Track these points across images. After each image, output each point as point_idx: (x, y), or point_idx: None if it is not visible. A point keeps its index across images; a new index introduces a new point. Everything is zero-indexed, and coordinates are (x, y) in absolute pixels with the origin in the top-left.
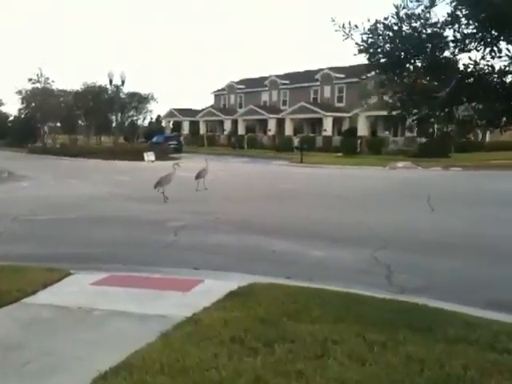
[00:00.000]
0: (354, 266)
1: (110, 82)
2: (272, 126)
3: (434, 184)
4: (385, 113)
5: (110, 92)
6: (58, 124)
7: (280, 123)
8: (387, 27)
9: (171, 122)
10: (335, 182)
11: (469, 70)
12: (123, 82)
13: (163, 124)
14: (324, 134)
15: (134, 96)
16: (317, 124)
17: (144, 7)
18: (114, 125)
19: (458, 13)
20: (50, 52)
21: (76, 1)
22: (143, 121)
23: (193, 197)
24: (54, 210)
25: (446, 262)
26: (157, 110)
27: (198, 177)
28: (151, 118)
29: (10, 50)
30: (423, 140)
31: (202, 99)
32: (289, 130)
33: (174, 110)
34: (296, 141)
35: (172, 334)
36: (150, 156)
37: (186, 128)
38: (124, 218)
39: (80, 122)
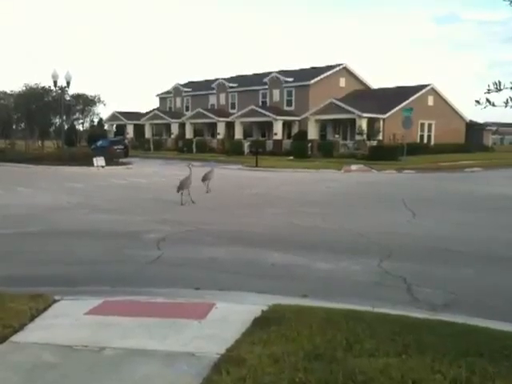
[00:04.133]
0: (367, 279)
1: (55, 83)
2: (221, 129)
3: (399, 187)
4: (334, 116)
5: (54, 94)
6: None
7: (229, 127)
8: None
9: (114, 126)
10: (302, 186)
11: None
12: (68, 84)
13: (106, 127)
14: (274, 137)
15: (79, 98)
16: (266, 127)
17: (90, 7)
18: (52, 129)
19: None
20: None
21: None
22: (90, 124)
23: (163, 205)
24: (11, 223)
25: (458, 271)
26: (104, 112)
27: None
28: (92, 122)
29: None
30: (373, 143)
31: (146, 102)
32: (238, 133)
33: (118, 113)
34: (246, 145)
35: (217, 380)
36: (99, 161)
37: (130, 131)
38: (94, 230)
39: (21, 125)
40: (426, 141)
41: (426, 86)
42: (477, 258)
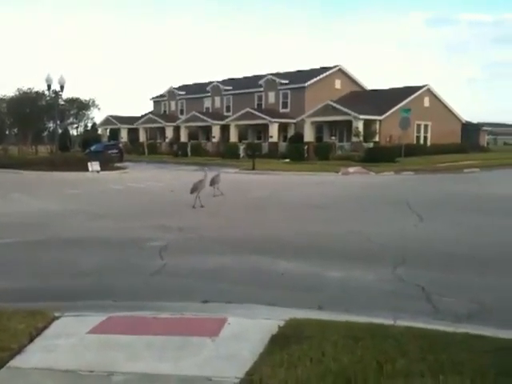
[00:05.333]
0: (383, 287)
1: (48, 87)
2: (216, 132)
3: (400, 189)
4: (330, 118)
5: (47, 98)
6: None
7: (224, 130)
8: None
9: (108, 130)
10: (303, 190)
11: None
12: (62, 88)
13: (99, 132)
14: (270, 140)
15: (73, 102)
16: (262, 130)
17: (83, 11)
18: (45, 133)
19: None
20: None
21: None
22: (84, 128)
23: (163, 211)
24: (7, 232)
25: (477, 278)
26: (99, 117)
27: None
28: (86, 126)
29: None
30: (370, 145)
31: (140, 106)
32: (234, 136)
33: (111, 117)
34: (242, 148)
35: None
36: (94, 166)
37: (124, 136)
38: (93, 238)
39: (14, 130)
40: (422, 142)
41: (422, 87)
42: (495, 263)
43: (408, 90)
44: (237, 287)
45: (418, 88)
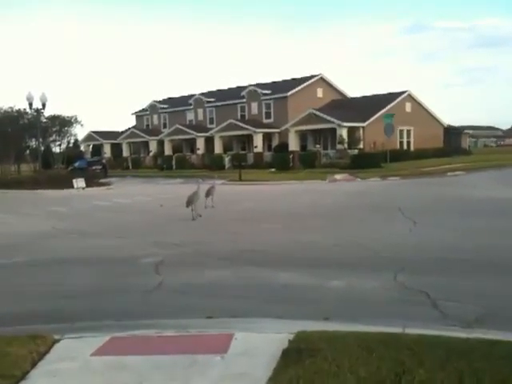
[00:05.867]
0: (387, 295)
1: (30, 105)
2: (200, 144)
3: (389, 195)
4: (314, 127)
5: (29, 116)
6: None
7: (208, 141)
8: None
9: (91, 146)
10: (291, 199)
11: None
12: (44, 105)
13: (82, 148)
14: (255, 150)
15: (55, 119)
16: (246, 141)
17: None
18: (27, 152)
19: None
20: None
21: None
22: (67, 145)
23: (154, 226)
24: None
25: (481, 283)
26: (82, 133)
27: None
28: (69, 143)
29: None
30: (355, 152)
31: (122, 121)
32: (218, 148)
33: (94, 132)
34: (227, 159)
35: None
36: (79, 183)
37: (107, 151)
38: (86, 257)
39: None
40: (405, 147)
41: (403, 92)
42: (495, 267)
43: (389, 97)
44: (238, 301)
45: (399, 94)
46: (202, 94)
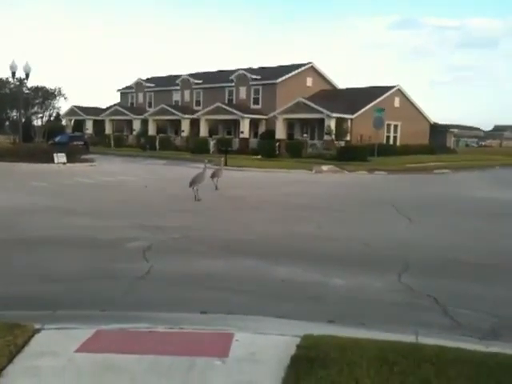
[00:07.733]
0: (393, 298)
1: (13, 74)
2: (185, 126)
3: (379, 189)
4: (302, 116)
5: (12, 86)
6: None
7: (194, 124)
8: None
9: (72, 121)
10: (280, 188)
11: None
12: (27, 76)
13: (64, 123)
14: (241, 136)
15: (39, 90)
16: (233, 126)
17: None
18: (7, 123)
19: None
20: None
21: None
22: (48, 118)
23: (140, 208)
24: None
25: (491, 288)
26: (65, 107)
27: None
28: (50, 116)
29: None
30: (341, 144)
31: (107, 97)
32: (204, 131)
33: (76, 107)
34: (212, 143)
35: None
36: (60, 158)
37: (89, 127)
38: (69, 238)
39: None
40: (392, 142)
41: (393, 87)
42: (498, 271)
43: (379, 90)
44: (234, 296)
45: (388, 88)
46: (190, 74)
